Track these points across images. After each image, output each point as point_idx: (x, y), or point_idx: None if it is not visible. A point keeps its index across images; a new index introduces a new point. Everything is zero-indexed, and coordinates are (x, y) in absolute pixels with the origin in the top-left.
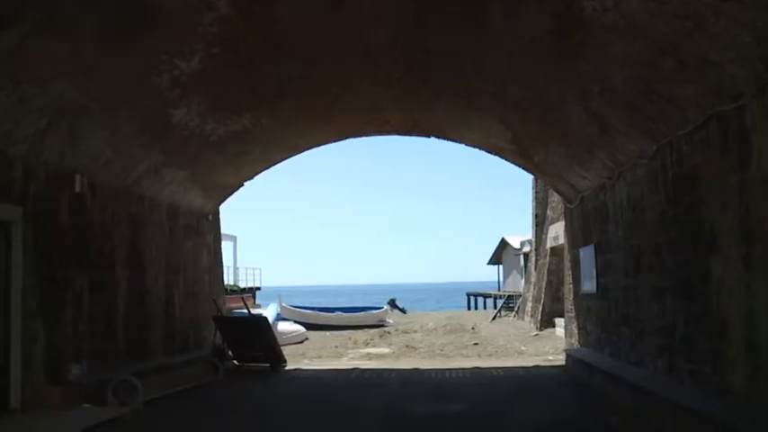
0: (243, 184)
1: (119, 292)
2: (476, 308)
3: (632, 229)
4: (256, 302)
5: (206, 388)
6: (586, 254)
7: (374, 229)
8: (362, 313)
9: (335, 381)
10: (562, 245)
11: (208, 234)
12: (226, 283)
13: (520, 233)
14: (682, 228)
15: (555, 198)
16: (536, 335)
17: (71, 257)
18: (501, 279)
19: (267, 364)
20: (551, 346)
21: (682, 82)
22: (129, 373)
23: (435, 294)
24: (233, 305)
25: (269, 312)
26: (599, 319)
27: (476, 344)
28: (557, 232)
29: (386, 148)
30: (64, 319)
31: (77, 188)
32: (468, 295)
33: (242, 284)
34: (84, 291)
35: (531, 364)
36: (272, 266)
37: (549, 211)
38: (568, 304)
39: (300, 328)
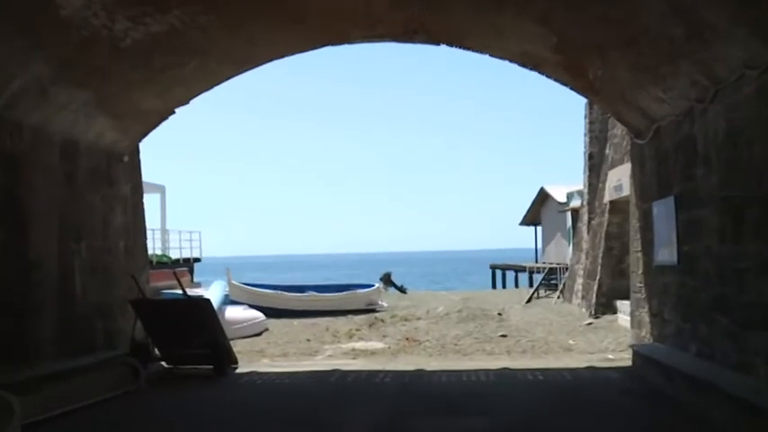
0: (174, 112)
1: None
2: (503, 285)
3: (732, 174)
4: (194, 280)
5: (120, 403)
6: (663, 210)
7: (362, 181)
8: (345, 293)
9: (307, 388)
10: (627, 197)
11: (123, 183)
12: (151, 252)
13: (566, 182)
14: None
15: (617, 131)
16: (589, 324)
17: None
18: (539, 246)
19: (210, 366)
20: (611, 340)
21: None
22: None
23: (447, 267)
24: (161, 283)
25: (213, 293)
26: (681, 302)
27: (503, 336)
28: (619, 180)
29: (378, 64)
30: None
31: None
32: (493, 268)
33: (174, 255)
34: None
35: (582, 365)
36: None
37: (608, 151)
38: (636, 281)
39: (257, 314)
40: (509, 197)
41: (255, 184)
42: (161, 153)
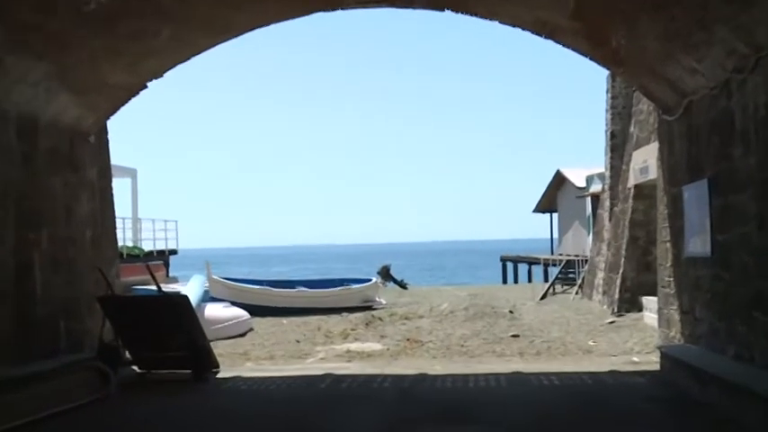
0: (146, 87)
1: None
2: (515, 280)
3: None
4: (170, 274)
5: (87, 412)
6: (694, 195)
7: (358, 167)
8: (339, 289)
9: (296, 395)
10: (654, 181)
11: (89, 166)
12: (121, 243)
13: (585, 164)
14: None
15: (643, 107)
16: (612, 322)
17: None
18: (555, 235)
19: (188, 371)
20: (636, 341)
21: None
22: None
23: (453, 259)
24: (133, 278)
25: (191, 289)
26: (715, 298)
27: (515, 336)
28: (645, 161)
29: (374, 33)
30: None
31: None
32: (504, 261)
33: (147, 246)
34: None
35: (604, 369)
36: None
37: (632, 128)
38: (664, 274)
39: (241, 312)
40: (521, 182)
41: (240, 169)
42: (133, 133)
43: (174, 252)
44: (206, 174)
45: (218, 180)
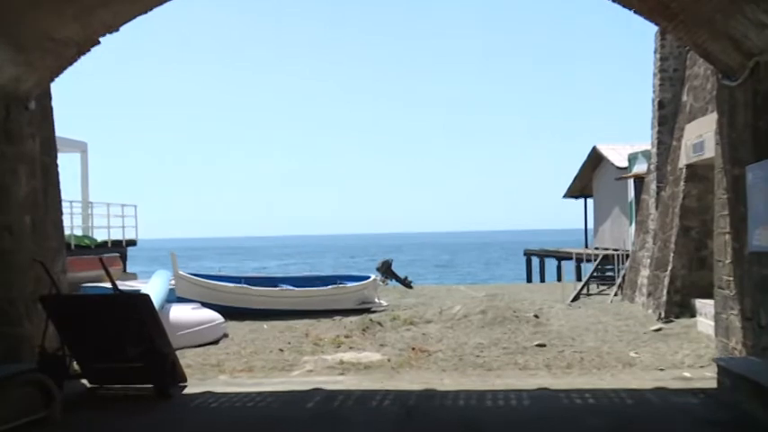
0: (98, 43)
1: None
2: (541, 278)
3: None
4: (128, 269)
5: None
6: (761, 176)
7: (356, 148)
8: (331, 288)
9: (279, 415)
10: (711, 160)
11: (28, 137)
12: (68, 232)
13: (627, 139)
14: None
15: (699, 70)
16: (658, 330)
17: None
18: (590, 225)
19: (149, 385)
20: (688, 353)
21: None
22: None
23: (468, 253)
24: (83, 274)
25: (153, 288)
26: None
27: (541, 345)
28: (701, 136)
29: None
30: None
31: None
32: (529, 255)
33: (100, 236)
34: None
35: (648, 386)
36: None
37: (685, 97)
38: (722, 273)
39: (213, 315)
40: (549, 161)
41: (212, 148)
42: (83, 101)
43: (132, 243)
44: (172, 152)
45: (185, 160)
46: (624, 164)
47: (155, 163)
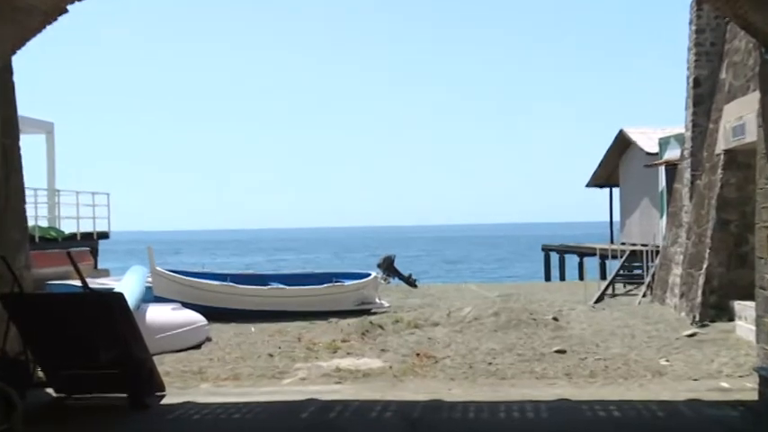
0: (65, 11)
1: None
2: (561, 276)
3: None
4: (99, 265)
5: None
6: None
7: (354, 134)
8: (327, 286)
9: (269, 427)
10: (753, 144)
11: None
12: (32, 223)
13: (657, 122)
14: None
15: (740, 44)
16: (692, 335)
17: None
18: (616, 218)
19: (123, 395)
20: (726, 360)
21: None
22: None
23: (480, 248)
24: (49, 270)
25: (128, 286)
26: None
27: (561, 351)
28: (741, 118)
29: None
30: None
31: None
32: (547, 251)
33: (68, 227)
34: None
35: (681, 397)
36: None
37: (724, 74)
38: (765, 271)
39: (195, 317)
40: (571, 147)
41: (191, 132)
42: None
43: (104, 235)
44: (152, 134)
45: (167, 144)
46: (655, 149)
47: (131, 146)
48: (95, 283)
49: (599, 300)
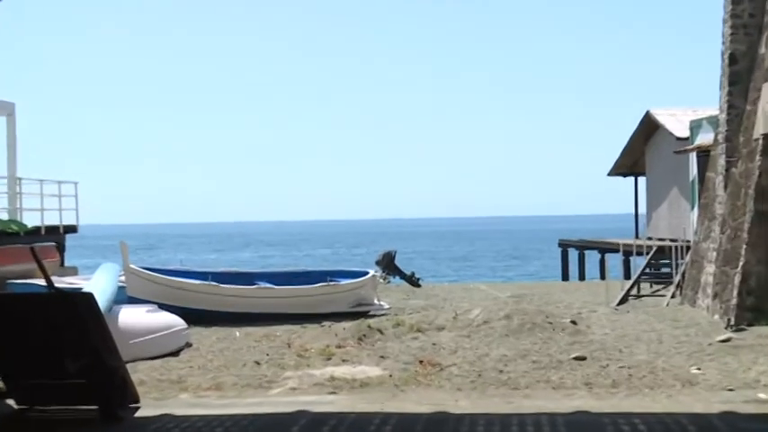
0: None
1: None
2: (580, 276)
3: None
4: (67, 263)
5: None
6: None
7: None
8: (319, 286)
9: None
10: None
11: None
12: None
13: (688, 102)
14: None
15: None
16: (727, 340)
17: None
18: (642, 210)
19: (93, 406)
20: (765, 369)
21: None
22: None
23: (490, 243)
24: (10, 268)
25: (98, 285)
26: None
27: (580, 358)
28: None
29: None
30: None
31: None
32: (564, 246)
33: (31, 220)
34: None
35: (714, 410)
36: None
37: (764, 49)
38: None
39: (173, 320)
40: (593, 131)
41: (168, 113)
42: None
43: (72, 229)
44: (126, 117)
45: (143, 128)
46: (685, 133)
47: (103, 131)
48: (62, 282)
49: (622, 301)
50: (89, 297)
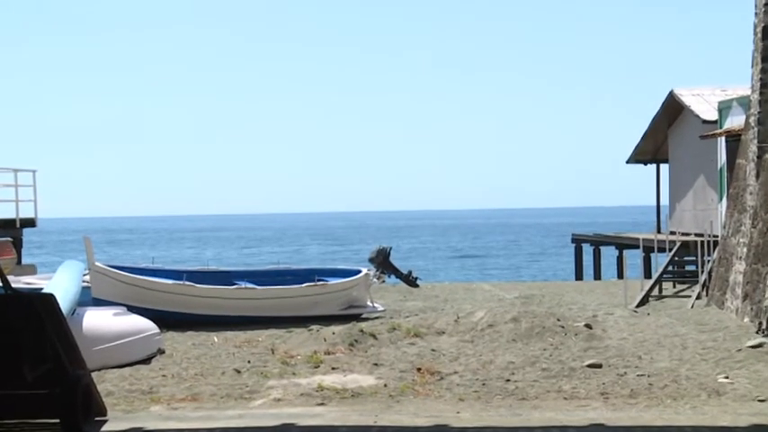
0: None
1: None
2: (596, 274)
3: None
4: (24, 260)
5: None
6: None
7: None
8: (306, 286)
9: None
10: None
11: None
12: None
13: (716, 81)
14: None
15: None
16: (758, 346)
17: None
18: (663, 201)
19: (54, 420)
20: None
21: None
22: None
23: (496, 238)
24: None
25: (60, 286)
26: None
27: (595, 366)
28: None
29: None
30: None
31: None
32: (578, 242)
33: None
34: None
35: (743, 423)
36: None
37: None
38: None
39: (144, 323)
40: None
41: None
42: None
43: (30, 223)
44: (82, 102)
45: (101, 111)
46: (713, 116)
47: (67, 112)
48: (19, 282)
49: (642, 302)
50: (49, 299)
